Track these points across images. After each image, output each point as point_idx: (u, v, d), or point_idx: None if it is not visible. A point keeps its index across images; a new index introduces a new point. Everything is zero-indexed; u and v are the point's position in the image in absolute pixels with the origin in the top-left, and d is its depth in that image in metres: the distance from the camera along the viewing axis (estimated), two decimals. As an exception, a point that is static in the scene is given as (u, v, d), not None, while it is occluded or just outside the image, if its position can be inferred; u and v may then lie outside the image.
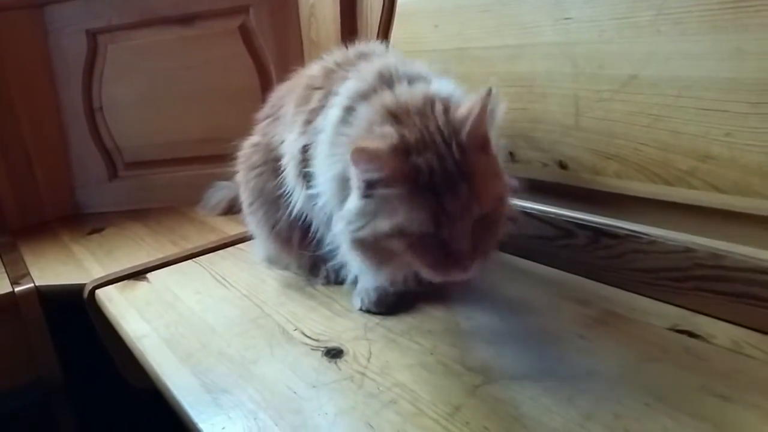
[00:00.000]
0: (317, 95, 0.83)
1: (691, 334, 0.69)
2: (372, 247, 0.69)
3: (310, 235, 0.90)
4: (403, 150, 0.65)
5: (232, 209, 1.34)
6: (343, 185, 0.72)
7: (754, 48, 0.64)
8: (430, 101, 0.69)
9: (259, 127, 0.98)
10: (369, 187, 0.67)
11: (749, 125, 0.65)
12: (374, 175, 0.65)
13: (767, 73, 0.63)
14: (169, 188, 1.51)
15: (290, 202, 0.88)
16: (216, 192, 1.39)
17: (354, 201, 0.69)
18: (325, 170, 0.76)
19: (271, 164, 0.93)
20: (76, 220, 1.51)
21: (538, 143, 0.89)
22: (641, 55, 0.74)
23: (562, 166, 0.87)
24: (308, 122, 0.83)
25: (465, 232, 0.65)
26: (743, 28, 0.64)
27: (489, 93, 0.65)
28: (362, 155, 0.64)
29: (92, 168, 1.54)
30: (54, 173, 1.53)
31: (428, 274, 0.68)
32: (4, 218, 1.48)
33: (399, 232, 0.65)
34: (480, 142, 0.67)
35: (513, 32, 0.89)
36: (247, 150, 0.98)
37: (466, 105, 0.67)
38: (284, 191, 0.89)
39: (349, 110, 0.74)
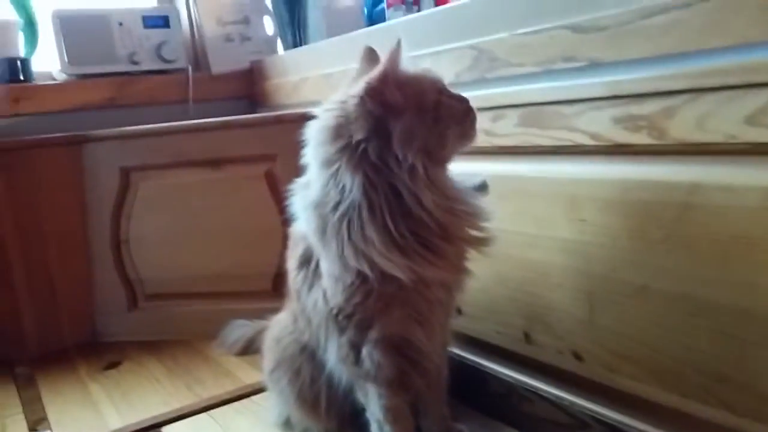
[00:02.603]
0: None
1: None
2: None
3: (335, 391, 0.92)
4: None
5: (248, 349, 1.36)
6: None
7: (767, 283, 0.66)
8: None
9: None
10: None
11: (762, 356, 0.67)
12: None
13: (778, 310, 0.66)
14: (186, 321, 1.54)
15: (321, 362, 0.91)
16: (233, 330, 1.40)
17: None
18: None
19: (294, 330, 0.96)
20: (94, 350, 1.53)
21: (553, 330, 0.92)
22: (653, 268, 0.77)
23: (577, 357, 0.88)
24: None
25: None
26: (757, 264, 0.67)
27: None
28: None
29: (113, 297, 1.58)
30: (76, 301, 1.57)
31: (469, 127, 0.82)
32: (24, 344, 1.51)
33: None
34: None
35: (528, 221, 0.93)
36: (272, 324, 1.01)
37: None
38: (312, 352, 0.92)
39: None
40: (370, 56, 0.85)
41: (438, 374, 0.93)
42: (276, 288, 1.44)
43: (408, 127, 0.75)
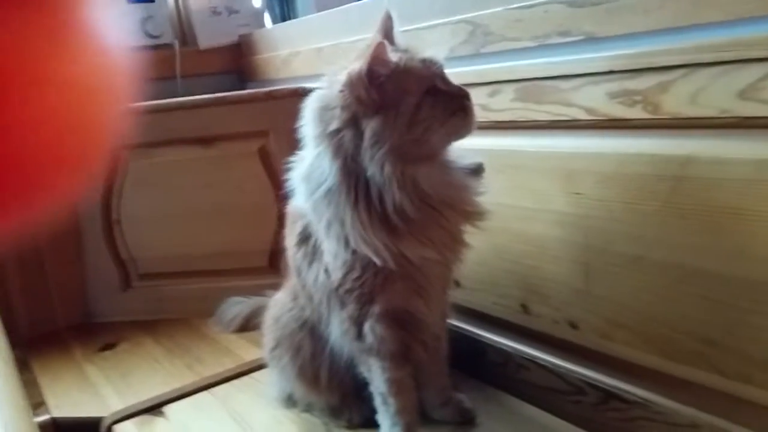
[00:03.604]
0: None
1: None
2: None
3: (336, 366, 0.94)
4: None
5: (246, 326, 1.37)
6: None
7: (758, 253, 0.69)
8: None
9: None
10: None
11: (752, 322, 0.70)
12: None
13: (769, 277, 0.68)
14: (181, 300, 1.54)
15: (323, 337, 0.93)
16: (230, 308, 1.41)
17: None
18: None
19: (293, 306, 0.98)
20: (88, 331, 1.52)
21: (549, 301, 0.94)
22: (648, 239, 0.79)
23: (573, 326, 0.91)
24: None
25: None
26: (747, 234, 0.69)
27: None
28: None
29: (106, 278, 1.57)
30: (67, 281, 1.56)
31: (458, 126, 0.79)
32: (16, 326, 1.49)
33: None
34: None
35: (526, 195, 0.95)
36: (271, 305, 1.03)
37: None
38: (312, 328, 0.94)
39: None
40: (387, 24, 0.82)
41: (439, 345, 0.95)
42: (272, 264, 1.45)
43: (379, 129, 0.74)
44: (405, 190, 0.77)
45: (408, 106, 0.75)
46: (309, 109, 0.81)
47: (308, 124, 0.81)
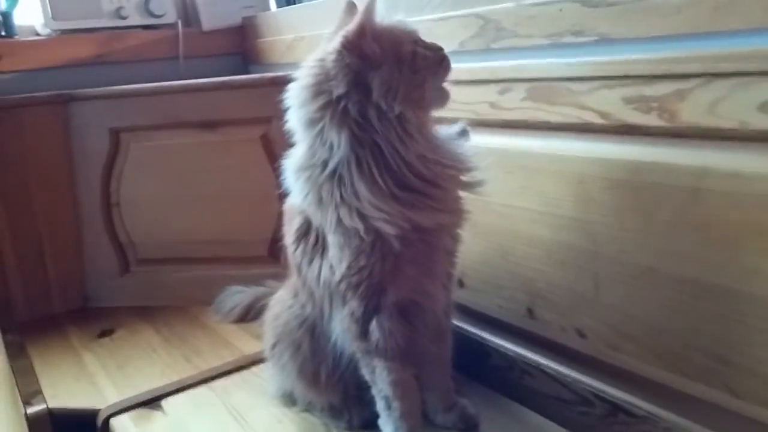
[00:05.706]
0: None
1: None
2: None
3: (337, 366, 0.92)
4: None
5: (246, 317, 1.35)
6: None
7: (772, 272, 0.66)
8: None
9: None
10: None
11: (765, 340, 0.68)
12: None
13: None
14: (179, 287, 1.52)
15: (324, 335, 0.91)
16: (229, 297, 1.39)
17: None
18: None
19: (293, 304, 0.96)
20: (85, 316, 1.50)
21: (556, 307, 0.92)
22: (660, 251, 0.77)
23: (581, 334, 0.89)
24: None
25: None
26: (762, 251, 0.67)
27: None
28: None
29: (104, 262, 1.55)
30: (65, 266, 1.54)
31: (445, 74, 0.81)
32: (12, 310, 1.48)
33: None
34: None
35: (534, 198, 0.92)
36: (272, 304, 1.01)
37: None
38: (311, 327, 0.92)
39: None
40: (350, 10, 0.84)
41: (444, 344, 0.93)
42: (272, 253, 1.43)
43: (387, 78, 0.75)
44: (422, 135, 0.78)
45: (406, 54, 0.77)
46: (297, 92, 0.80)
47: (300, 107, 0.79)
